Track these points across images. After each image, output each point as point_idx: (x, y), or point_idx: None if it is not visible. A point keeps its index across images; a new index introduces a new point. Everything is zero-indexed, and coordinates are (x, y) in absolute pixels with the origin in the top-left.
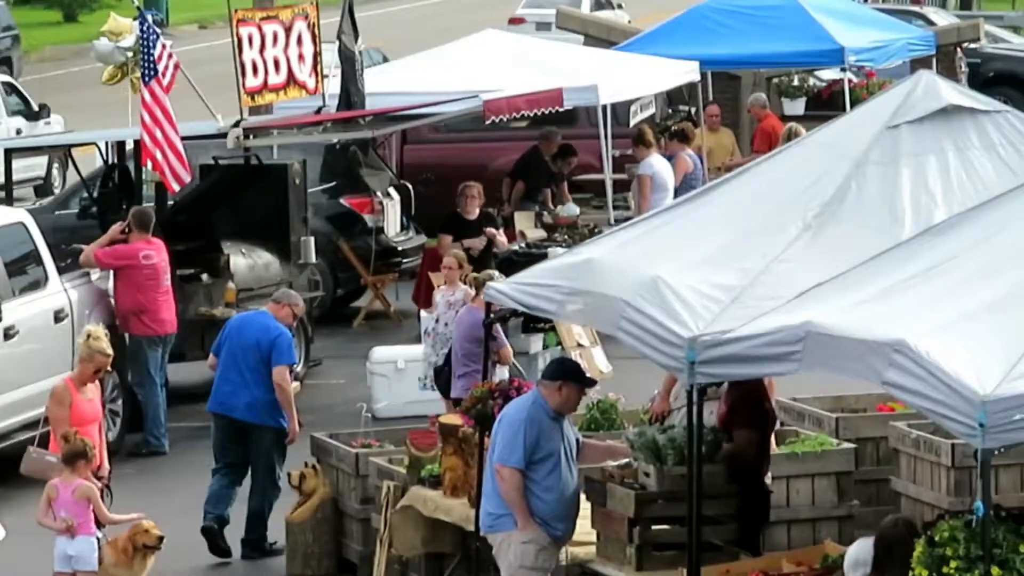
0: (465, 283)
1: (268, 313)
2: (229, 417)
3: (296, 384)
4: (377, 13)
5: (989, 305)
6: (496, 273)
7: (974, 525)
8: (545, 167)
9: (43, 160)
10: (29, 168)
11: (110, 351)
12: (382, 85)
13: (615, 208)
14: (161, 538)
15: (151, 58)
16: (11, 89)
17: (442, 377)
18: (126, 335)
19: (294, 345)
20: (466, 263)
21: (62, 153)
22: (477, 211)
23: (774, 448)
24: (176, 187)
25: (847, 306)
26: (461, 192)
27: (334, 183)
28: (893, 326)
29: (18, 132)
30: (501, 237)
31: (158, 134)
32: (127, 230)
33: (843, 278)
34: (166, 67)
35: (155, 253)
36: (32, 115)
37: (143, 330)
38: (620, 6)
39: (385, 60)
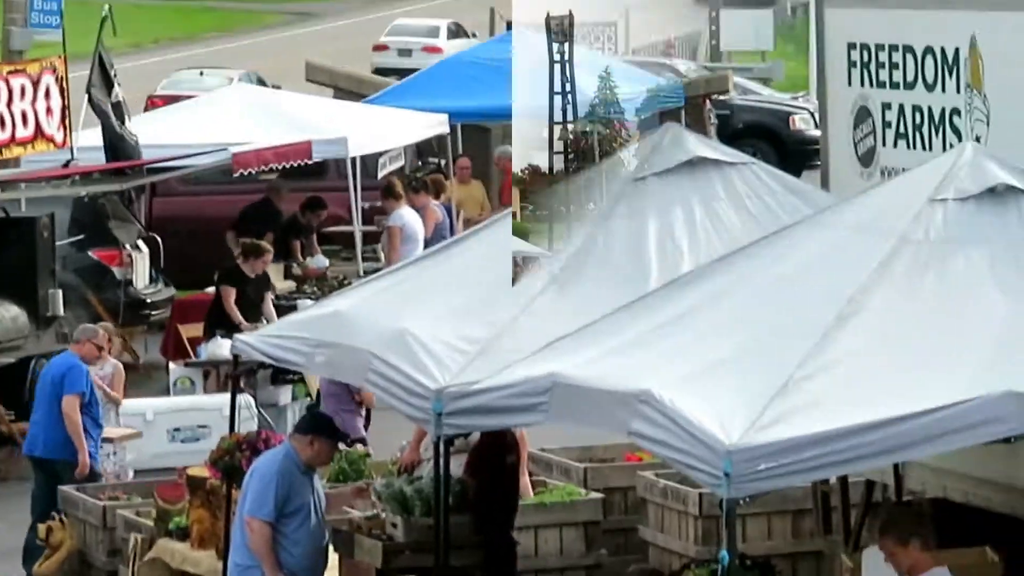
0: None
1: (71, 353)
2: (34, 456)
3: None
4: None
5: (734, 355)
6: None
7: (720, 574)
8: (282, 218)
9: None
10: None
11: None
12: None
13: (364, 260)
14: None
15: None
16: None
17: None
18: None
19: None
20: (116, 336)
21: None
22: None
23: (527, 493)
24: None
25: (593, 357)
26: (254, 252)
27: (82, 236)
28: (638, 376)
29: None
30: (270, 307)
31: None
32: None
33: (589, 329)
34: None
35: None
36: None
37: None
38: (474, 35)
39: (262, 83)
